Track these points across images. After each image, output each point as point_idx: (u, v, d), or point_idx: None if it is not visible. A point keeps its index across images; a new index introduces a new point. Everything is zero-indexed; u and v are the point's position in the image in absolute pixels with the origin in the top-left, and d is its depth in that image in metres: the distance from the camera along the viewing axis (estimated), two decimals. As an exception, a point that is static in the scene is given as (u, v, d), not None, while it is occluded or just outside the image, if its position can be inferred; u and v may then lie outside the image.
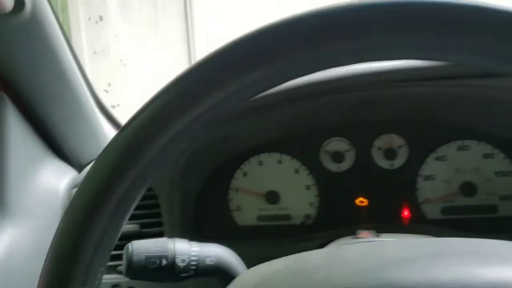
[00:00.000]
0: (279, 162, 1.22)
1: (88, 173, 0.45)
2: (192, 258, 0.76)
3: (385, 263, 0.49)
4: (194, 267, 0.76)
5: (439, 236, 0.86)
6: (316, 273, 0.45)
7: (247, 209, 1.18)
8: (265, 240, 1.15)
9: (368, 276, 0.41)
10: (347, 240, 0.87)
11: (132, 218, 1.11)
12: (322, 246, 1.06)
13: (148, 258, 0.71)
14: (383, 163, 1.19)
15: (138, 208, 1.12)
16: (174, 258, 0.73)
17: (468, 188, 1.14)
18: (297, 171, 1.22)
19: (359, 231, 0.86)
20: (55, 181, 1.08)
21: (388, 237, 0.84)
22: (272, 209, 1.18)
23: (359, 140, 1.19)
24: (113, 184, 0.45)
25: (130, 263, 0.68)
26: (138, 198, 0.48)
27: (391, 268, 0.46)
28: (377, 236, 0.87)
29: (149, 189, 1.10)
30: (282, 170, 1.17)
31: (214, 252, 0.78)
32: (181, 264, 0.75)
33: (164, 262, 0.72)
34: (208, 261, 0.77)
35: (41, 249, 0.43)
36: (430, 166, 1.16)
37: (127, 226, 1.09)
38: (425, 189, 1.16)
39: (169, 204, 1.03)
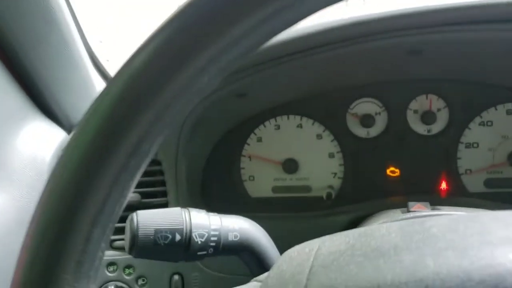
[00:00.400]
0: (299, 126, 1.08)
1: (86, 117, 0.31)
2: (212, 233, 0.62)
3: (499, 242, 0.35)
4: (214, 244, 0.62)
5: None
6: (398, 255, 0.34)
7: (261, 179, 1.07)
8: (281, 214, 1.00)
9: (483, 262, 0.30)
10: (396, 214, 0.73)
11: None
12: (351, 222, 0.92)
13: (158, 231, 0.57)
14: (419, 128, 1.04)
15: (139, 174, 0.97)
16: (190, 232, 0.60)
17: (517, 158, 0.99)
18: (319, 137, 1.07)
19: (411, 203, 0.72)
20: (41, 143, 0.92)
21: (448, 211, 0.70)
22: (290, 180, 1.07)
23: (392, 101, 1.05)
24: (120, 132, 0.30)
25: (134, 237, 0.53)
26: (150, 153, 0.33)
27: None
28: (434, 209, 0.73)
29: (152, 153, 0.94)
30: (302, 135, 1.08)
31: (239, 225, 0.63)
32: (199, 240, 0.62)
33: (178, 237, 0.59)
34: (231, 237, 0.64)
35: (26, 221, 0.29)
36: (474, 132, 1.03)
37: (126, 196, 0.93)
38: (467, 159, 1.03)
39: (175, 171, 0.88)
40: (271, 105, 1.07)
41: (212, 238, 0.62)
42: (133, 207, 0.94)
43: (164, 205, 0.96)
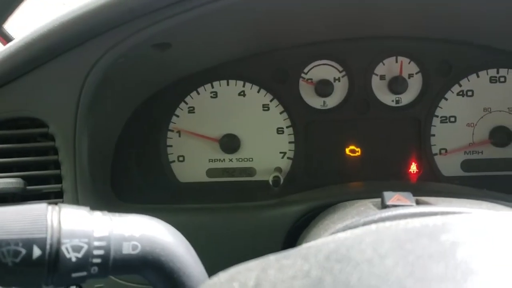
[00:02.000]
0: (241, 94, 0.89)
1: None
2: (96, 244, 0.42)
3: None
4: (99, 260, 0.42)
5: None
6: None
7: (193, 160, 0.91)
8: (217, 205, 0.79)
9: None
10: (369, 208, 0.53)
11: (11, 168, 0.71)
12: (305, 214, 0.71)
13: (3, 244, 0.38)
14: (386, 98, 0.89)
15: (21, 152, 0.72)
16: (58, 244, 0.40)
17: (501, 136, 0.86)
18: (266, 108, 0.89)
19: (387, 193, 0.52)
20: None
21: (438, 205, 0.51)
22: (229, 161, 0.91)
23: (354, 64, 0.89)
24: None
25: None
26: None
27: None
28: (420, 203, 0.53)
29: (42, 124, 0.70)
30: (245, 105, 0.90)
31: (140, 231, 0.42)
32: (73, 256, 0.42)
33: (36, 252, 0.39)
34: (128, 248, 0.42)
35: None
36: (451, 103, 0.88)
37: (2, 181, 0.68)
38: (442, 136, 0.88)
39: (73, 149, 0.65)
40: (205, 65, 0.86)
41: (96, 252, 0.41)
42: (10, 199, 0.69)
43: (58, 194, 0.73)
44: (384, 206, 0.51)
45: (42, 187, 0.72)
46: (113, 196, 0.76)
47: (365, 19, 0.81)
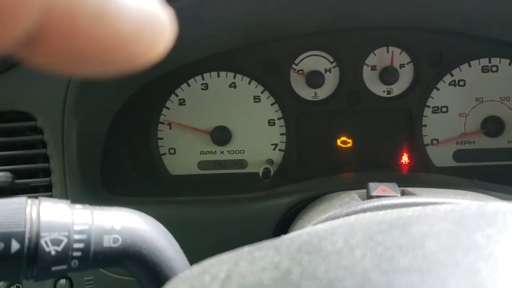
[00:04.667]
0: (232, 86, 0.88)
1: None
2: (76, 237, 0.41)
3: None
4: (79, 253, 0.41)
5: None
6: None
7: (184, 152, 0.90)
8: (208, 197, 0.79)
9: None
10: (353, 199, 0.53)
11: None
12: (294, 206, 0.71)
13: None
14: (378, 89, 0.88)
15: (10, 146, 0.72)
16: (37, 238, 0.40)
17: (493, 126, 0.85)
18: (257, 99, 0.88)
19: (372, 184, 0.52)
20: None
21: (423, 196, 0.50)
22: (220, 153, 0.91)
23: (345, 55, 0.88)
24: None
25: None
26: None
27: None
28: (404, 194, 0.53)
29: (30, 118, 0.70)
30: (236, 97, 0.89)
31: (121, 223, 0.42)
32: (53, 249, 0.42)
33: (15, 245, 0.39)
34: (109, 241, 0.42)
35: None
36: (442, 93, 0.87)
37: (-10, 175, 0.68)
38: (434, 126, 0.88)
39: (61, 142, 0.64)
40: (195, 56, 0.85)
41: (76, 245, 0.41)
42: (2, 191, 0.69)
43: (47, 187, 0.72)
44: (369, 197, 0.50)
45: (31, 181, 0.72)
46: (103, 189, 0.76)
47: (356, 9, 0.80)
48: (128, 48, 0.19)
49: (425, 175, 0.84)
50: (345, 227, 0.28)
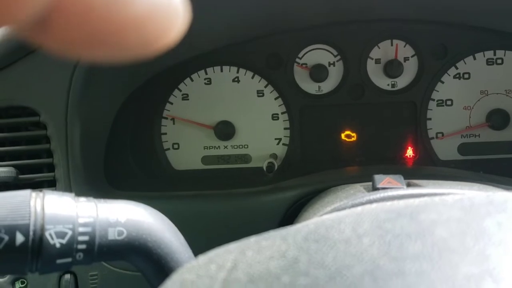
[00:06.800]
0: (236, 80, 0.87)
1: None
2: (81, 230, 0.41)
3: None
4: (84, 246, 0.41)
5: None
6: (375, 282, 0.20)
7: (188, 147, 0.90)
8: (212, 192, 0.79)
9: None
10: (359, 191, 0.52)
11: (3, 157, 0.70)
12: (298, 200, 0.71)
13: None
14: (382, 82, 0.88)
15: (13, 141, 0.72)
16: (41, 231, 0.39)
17: (499, 119, 0.85)
18: (260, 93, 0.87)
19: (377, 176, 0.52)
20: None
21: (429, 187, 0.50)
22: (224, 148, 0.91)
23: (349, 48, 0.87)
24: None
25: None
26: None
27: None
28: (410, 185, 0.53)
29: (33, 113, 0.69)
30: (240, 92, 0.89)
31: (125, 216, 0.42)
32: (57, 242, 0.41)
33: (20, 238, 0.39)
34: (114, 234, 0.42)
35: None
36: (447, 86, 0.87)
37: (-6, 171, 0.68)
38: (439, 119, 0.88)
39: (65, 137, 0.64)
40: (198, 51, 0.84)
41: (81, 238, 0.41)
42: (6, 186, 0.69)
43: (51, 182, 0.72)
44: (374, 189, 0.50)
45: (35, 176, 0.72)
46: (106, 184, 0.76)
47: (360, 2, 0.80)
48: (141, 31, 0.19)
49: (430, 168, 0.84)
50: (352, 216, 0.28)
